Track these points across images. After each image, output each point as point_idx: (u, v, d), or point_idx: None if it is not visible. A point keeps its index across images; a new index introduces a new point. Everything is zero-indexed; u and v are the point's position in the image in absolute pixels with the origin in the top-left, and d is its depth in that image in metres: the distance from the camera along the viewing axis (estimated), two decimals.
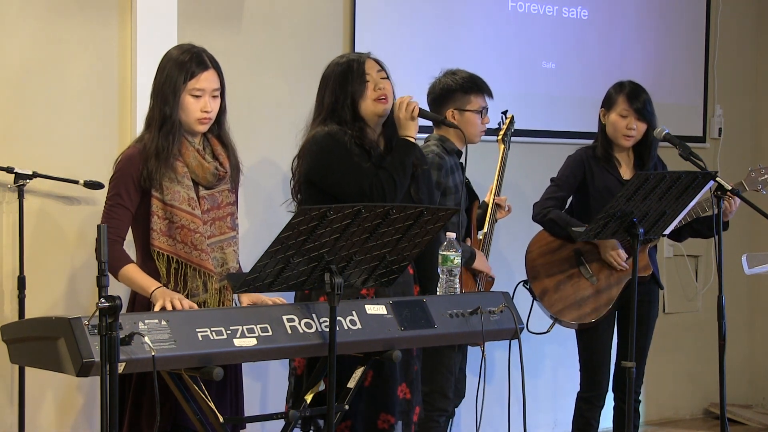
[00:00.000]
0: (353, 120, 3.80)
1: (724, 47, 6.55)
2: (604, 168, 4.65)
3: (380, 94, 3.83)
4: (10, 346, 3.15)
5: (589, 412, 4.73)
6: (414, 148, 3.86)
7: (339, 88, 3.83)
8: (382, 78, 3.86)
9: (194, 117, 3.52)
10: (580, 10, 5.93)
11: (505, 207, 4.66)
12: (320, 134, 3.78)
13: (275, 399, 4.86)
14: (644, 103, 4.58)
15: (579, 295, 4.63)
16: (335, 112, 3.81)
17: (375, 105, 3.82)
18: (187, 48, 3.58)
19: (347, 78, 3.82)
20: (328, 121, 3.81)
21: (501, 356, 3.86)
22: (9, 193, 4.29)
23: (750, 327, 6.80)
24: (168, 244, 3.49)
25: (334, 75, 3.86)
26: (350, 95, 3.81)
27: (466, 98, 4.47)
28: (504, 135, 4.75)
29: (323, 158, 3.75)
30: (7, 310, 4.31)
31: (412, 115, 3.88)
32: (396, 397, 3.72)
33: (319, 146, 3.76)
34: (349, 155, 3.74)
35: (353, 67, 3.84)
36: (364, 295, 3.64)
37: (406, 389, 3.76)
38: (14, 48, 4.33)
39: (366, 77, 3.83)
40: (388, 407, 3.70)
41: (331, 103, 3.83)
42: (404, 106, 3.88)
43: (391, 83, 3.89)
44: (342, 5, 5.15)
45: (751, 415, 6.54)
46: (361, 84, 3.82)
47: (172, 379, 3.16)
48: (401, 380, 3.76)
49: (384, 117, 3.86)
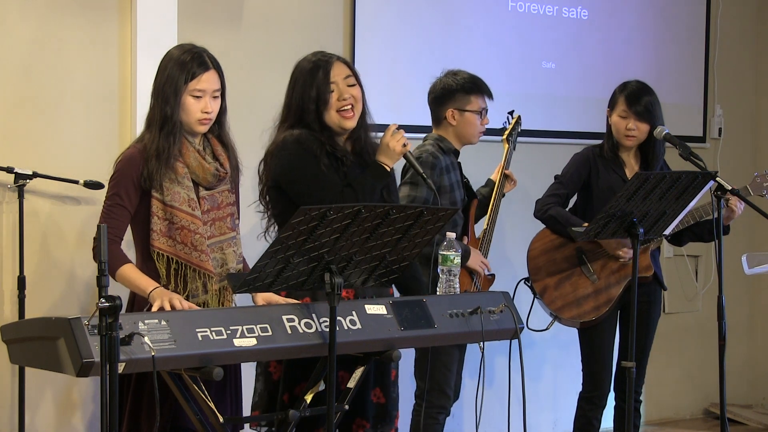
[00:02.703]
0: (320, 129, 3.67)
1: (724, 47, 6.55)
2: (610, 167, 4.65)
3: (344, 104, 3.66)
4: (10, 346, 3.14)
5: (590, 412, 4.72)
6: (387, 176, 3.68)
7: (305, 93, 3.68)
8: (349, 86, 3.69)
9: (195, 118, 3.52)
10: (580, 10, 5.93)
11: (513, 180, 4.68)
12: (290, 139, 3.64)
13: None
14: (645, 104, 4.57)
15: (578, 293, 4.63)
16: (302, 119, 3.68)
17: (339, 118, 3.67)
18: (189, 48, 3.56)
19: (312, 83, 3.67)
20: (297, 125, 3.68)
21: (501, 356, 3.86)
22: (9, 193, 4.29)
23: (750, 327, 6.80)
24: (168, 245, 3.49)
25: (301, 76, 3.71)
26: (314, 102, 3.66)
27: (466, 99, 4.47)
28: (509, 135, 4.76)
29: (291, 165, 3.62)
30: (7, 310, 4.31)
31: (400, 151, 3.67)
32: (370, 401, 3.68)
33: (288, 152, 3.63)
34: (317, 165, 3.61)
35: (318, 73, 3.67)
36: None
37: (380, 393, 3.71)
38: (14, 48, 4.33)
39: (331, 86, 3.67)
40: (363, 412, 3.66)
41: (298, 107, 3.69)
42: (398, 136, 3.67)
43: (360, 89, 3.71)
44: (342, 5, 5.15)
45: (751, 415, 6.54)
46: (325, 93, 3.67)
47: (172, 379, 3.16)
48: (375, 384, 3.70)
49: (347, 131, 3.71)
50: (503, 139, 4.77)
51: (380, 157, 3.68)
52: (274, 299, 3.53)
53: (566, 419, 5.19)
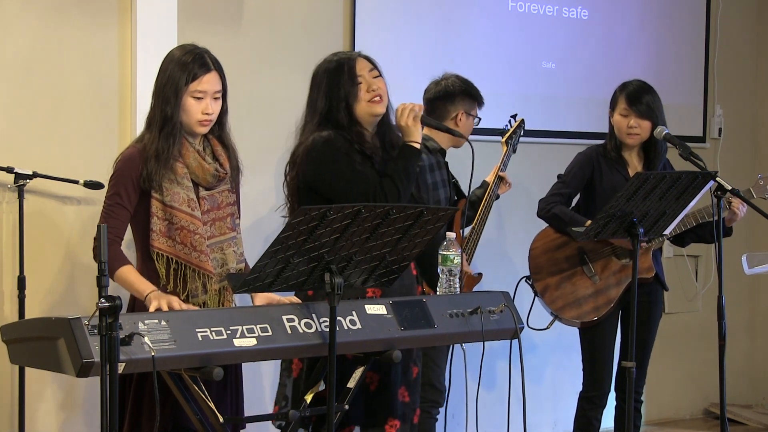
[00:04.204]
0: (349, 125, 3.72)
1: (724, 47, 6.55)
2: (613, 167, 4.65)
3: (374, 95, 3.73)
4: (10, 346, 3.14)
5: (591, 412, 4.72)
6: (418, 154, 3.76)
7: (331, 92, 3.72)
8: (374, 77, 3.76)
9: (195, 119, 3.51)
10: (580, 10, 5.93)
11: (507, 183, 4.70)
12: (318, 141, 3.67)
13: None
14: (646, 102, 4.58)
15: (579, 293, 4.63)
16: (330, 117, 3.72)
17: (370, 106, 3.73)
18: (190, 49, 3.55)
19: (339, 81, 3.72)
20: (323, 125, 3.71)
21: (501, 356, 3.86)
22: (9, 193, 4.29)
23: (750, 327, 6.80)
24: (167, 245, 3.49)
25: (326, 77, 3.75)
26: (344, 99, 3.71)
27: (472, 104, 4.60)
28: (509, 138, 4.78)
29: (325, 166, 3.65)
30: (7, 310, 4.31)
31: (414, 120, 3.75)
32: (398, 400, 3.71)
33: (318, 153, 3.66)
34: (351, 163, 3.66)
35: (344, 69, 3.73)
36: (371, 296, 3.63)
37: (405, 392, 3.75)
38: (14, 48, 4.33)
39: (358, 79, 3.74)
40: (394, 412, 3.69)
41: (325, 107, 3.72)
42: (406, 112, 3.74)
43: (384, 81, 3.80)
44: (342, 5, 5.15)
45: (751, 415, 6.54)
46: (353, 86, 3.72)
47: (172, 380, 3.16)
48: (401, 383, 3.74)
49: (379, 117, 3.78)
50: (502, 141, 4.79)
51: (406, 138, 3.75)
52: (273, 299, 3.53)
53: (566, 419, 5.19)
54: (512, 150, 4.79)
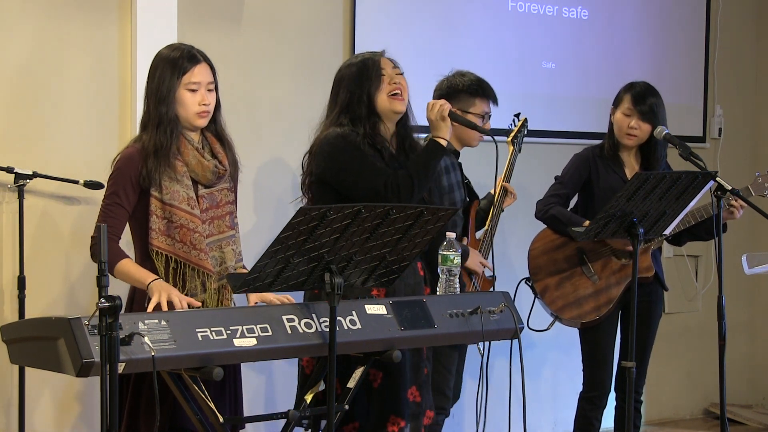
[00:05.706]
0: (368, 115, 3.80)
1: (724, 47, 6.55)
2: (610, 168, 4.65)
3: (395, 88, 3.81)
4: (9, 346, 3.14)
5: (591, 412, 4.72)
6: (443, 151, 3.83)
7: (354, 84, 3.82)
8: (397, 74, 3.86)
9: (193, 111, 3.52)
10: (580, 10, 5.93)
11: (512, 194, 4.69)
12: (332, 135, 3.76)
13: (278, 399, 4.87)
14: (650, 104, 4.57)
15: (579, 293, 4.63)
16: (350, 108, 3.80)
17: (390, 102, 3.81)
18: (176, 46, 3.61)
19: (362, 74, 3.82)
20: (342, 117, 3.80)
21: (502, 356, 3.86)
22: (9, 193, 4.29)
23: (750, 327, 6.80)
24: (167, 244, 3.49)
25: (349, 73, 3.86)
26: (366, 90, 3.80)
27: (470, 101, 4.48)
28: (514, 137, 4.76)
29: (336, 158, 3.72)
30: (7, 310, 4.31)
31: (442, 116, 3.83)
32: (406, 399, 3.71)
33: (331, 146, 3.74)
34: (363, 155, 3.72)
35: (368, 64, 3.84)
36: (375, 296, 3.64)
37: (416, 392, 3.75)
38: (14, 48, 4.33)
39: (381, 71, 3.83)
40: (398, 410, 3.69)
41: (346, 99, 3.82)
42: (436, 107, 3.85)
43: (405, 80, 3.89)
44: (342, 5, 5.15)
45: (751, 415, 6.54)
46: (376, 78, 3.82)
47: (172, 379, 3.16)
48: (411, 383, 3.74)
49: (399, 115, 3.86)
50: (508, 141, 4.77)
51: (433, 133, 3.86)
52: (267, 299, 3.53)
53: (566, 419, 5.19)
54: (518, 149, 4.77)
